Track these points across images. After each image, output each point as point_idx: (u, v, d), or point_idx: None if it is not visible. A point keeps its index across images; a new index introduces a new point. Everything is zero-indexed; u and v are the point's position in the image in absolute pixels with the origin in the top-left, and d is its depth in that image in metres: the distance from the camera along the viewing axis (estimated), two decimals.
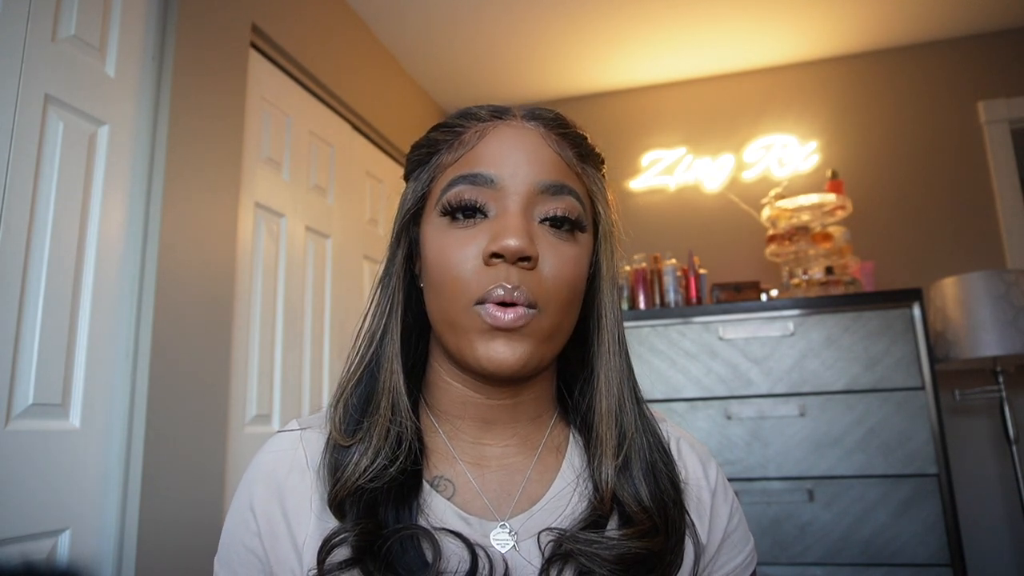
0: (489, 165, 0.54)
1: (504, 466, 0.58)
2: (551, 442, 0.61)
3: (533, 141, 0.56)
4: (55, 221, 1.22)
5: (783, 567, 1.86)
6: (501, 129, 0.56)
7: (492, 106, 0.58)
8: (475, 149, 0.56)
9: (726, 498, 0.62)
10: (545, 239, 0.54)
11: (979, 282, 1.97)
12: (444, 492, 0.56)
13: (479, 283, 0.52)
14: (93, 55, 1.34)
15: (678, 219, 2.78)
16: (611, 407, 0.57)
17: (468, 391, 0.58)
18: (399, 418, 0.55)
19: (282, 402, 1.82)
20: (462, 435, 0.59)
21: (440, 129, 0.59)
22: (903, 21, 2.51)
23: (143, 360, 1.35)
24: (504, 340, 0.51)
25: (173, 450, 1.39)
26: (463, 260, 0.53)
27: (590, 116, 2.96)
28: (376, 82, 2.48)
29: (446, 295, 0.53)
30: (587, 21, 2.45)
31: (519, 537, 0.54)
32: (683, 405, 2.02)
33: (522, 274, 0.52)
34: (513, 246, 0.51)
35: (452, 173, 0.56)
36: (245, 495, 0.57)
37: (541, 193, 0.54)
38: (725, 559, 0.60)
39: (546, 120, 0.58)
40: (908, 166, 2.57)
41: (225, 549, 0.57)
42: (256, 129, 1.81)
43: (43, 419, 1.18)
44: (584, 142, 0.60)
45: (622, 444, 0.56)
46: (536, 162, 0.55)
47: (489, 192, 0.54)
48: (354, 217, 2.27)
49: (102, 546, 1.27)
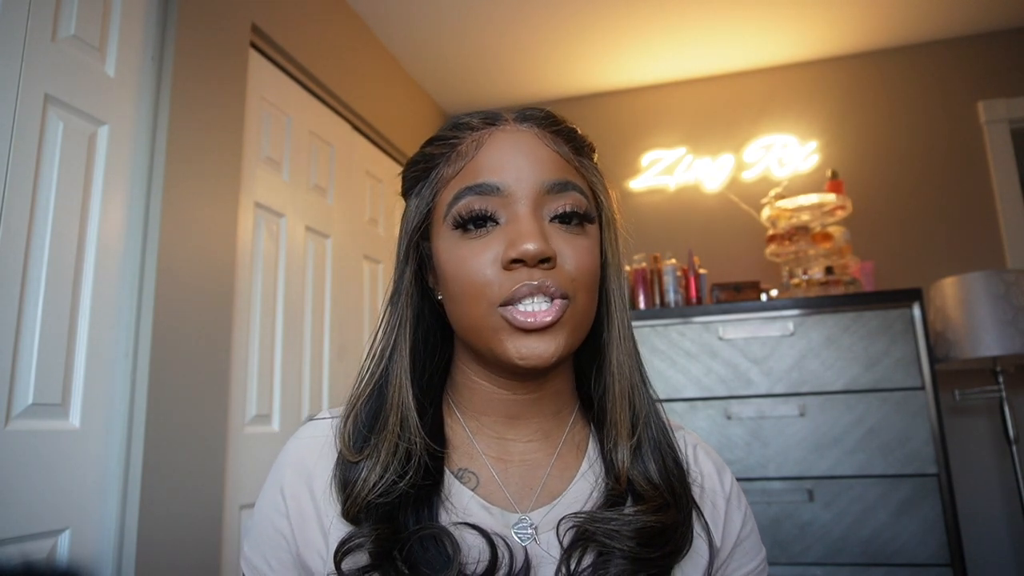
0: (492, 173, 0.55)
1: (526, 461, 0.60)
2: (572, 438, 0.62)
3: (530, 143, 0.57)
4: (55, 221, 1.22)
5: (783, 567, 1.86)
6: (497, 135, 0.57)
7: (482, 113, 0.59)
8: (475, 159, 0.56)
9: (739, 506, 0.64)
10: (558, 236, 0.55)
11: (979, 282, 1.97)
12: (468, 483, 0.58)
13: (502, 288, 0.53)
14: (93, 55, 1.34)
15: (678, 219, 2.78)
16: (624, 390, 0.59)
17: (494, 388, 0.60)
18: (408, 434, 0.56)
19: (282, 402, 1.82)
20: (486, 431, 0.61)
21: (435, 143, 0.60)
22: (903, 21, 2.51)
23: (143, 360, 1.35)
24: (536, 337, 0.53)
25: (173, 450, 1.39)
26: (482, 267, 0.54)
27: (590, 116, 2.96)
28: (376, 82, 2.48)
29: (468, 303, 0.54)
30: (587, 21, 2.45)
31: (540, 529, 0.56)
32: (683, 405, 2.02)
33: (544, 274, 0.53)
34: (532, 250, 0.52)
35: (456, 186, 0.56)
36: (275, 479, 0.59)
37: (547, 193, 0.55)
38: (736, 565, 0.62)
39: (538, 120, 0.58)
40: (908, 166, 2.57)
41: (255, 531, 0.59)
42: (256, 129, 1.81)
43: (43, 419, 1.18)
44: (576, 135, 0.60)
45: (636, 425, 0.58)
46: (537, 163, 0.56)
47: (497, 200, 0.55)
48: (354, 217, 2.27)
49: (102, 546, 1.27)
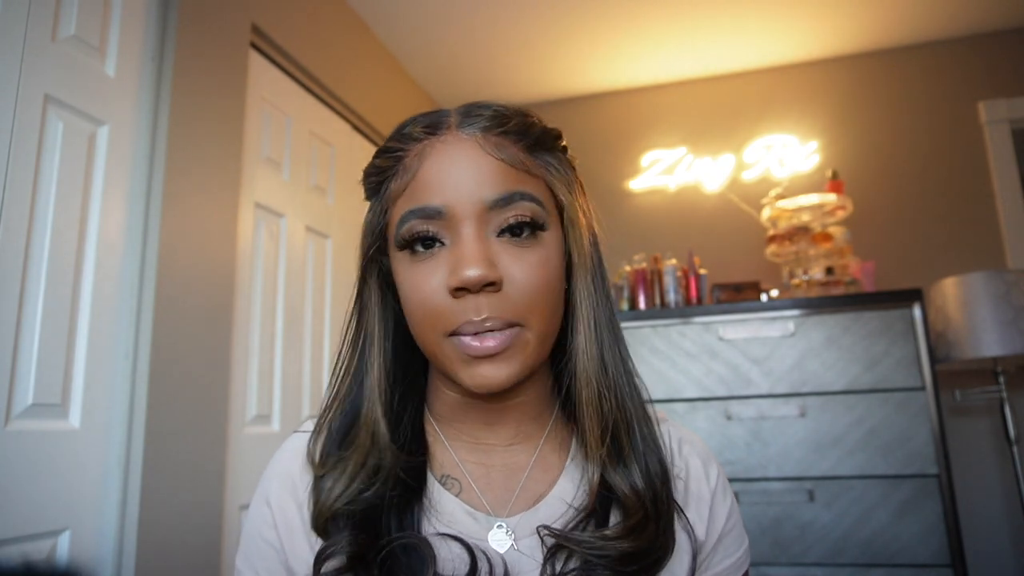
0: (434, 194, 0.53)
1: (507, 465, 0.59)
2: (552, 440, 0.61)
3: (471, 155, 0.53)
4: (55, 221, 1.22)
5: (783, 567, 1.86)
6: (437, 148, 0.54)
7: (427, 118, 0.56)
8: (417, 176, 0.54)
9: (725, 499, 0.63)
10: (507, 252, 0.52)
11: (979, 282, 1.97)
12: (452, 490, 0.57)
13: (450, 315, 0.51)
14: (93, 55, 1.34)
15: (678, 219, 2.78)
16: (591, 397, 0.55)
17: (467, 399, 0.59)
18: (378, 450, 0.56)
19: (282, 402, 1.82)
20: (464, 437, 0.60)
21: (383, 155, 0.58)
22: (903, 21, 2.51)
23: (143, 360, 1.35)
24: (488, 363, 0.51)
25: (173, 450, 1.39)
26: (431, 295, 0.52)
27: (590, 116, 2.96)
28: (376, 82, 2.48)
29: (423, 328, 0.54)
30: (587, 21, 2.45)
31: (521, 534, 0.55)
32: (683, 405, 2.02)
33: (491, 299, 0.51)
34: (473, 276, 0.50)
35: (402, 207, 0.55)
36: (262, 491, 0.60)
37: (491, 209, 0.52)
38: (720, 557, 0.61)
39: (482, 123, 0.55)
40: (908, 166, 2.57)
41: (245, 544, 0.60)
42: (256, 129, 1.81)
43: (43, 419, 1.18)
44: (529, 130, 0.56)
45: (606, 432, 0.55)
46: (478, 178, 0.53)
47: (440, 222, 0.53)
48: (354, 217, 2.27)
49: (102, 546, 1.27)
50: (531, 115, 0.57)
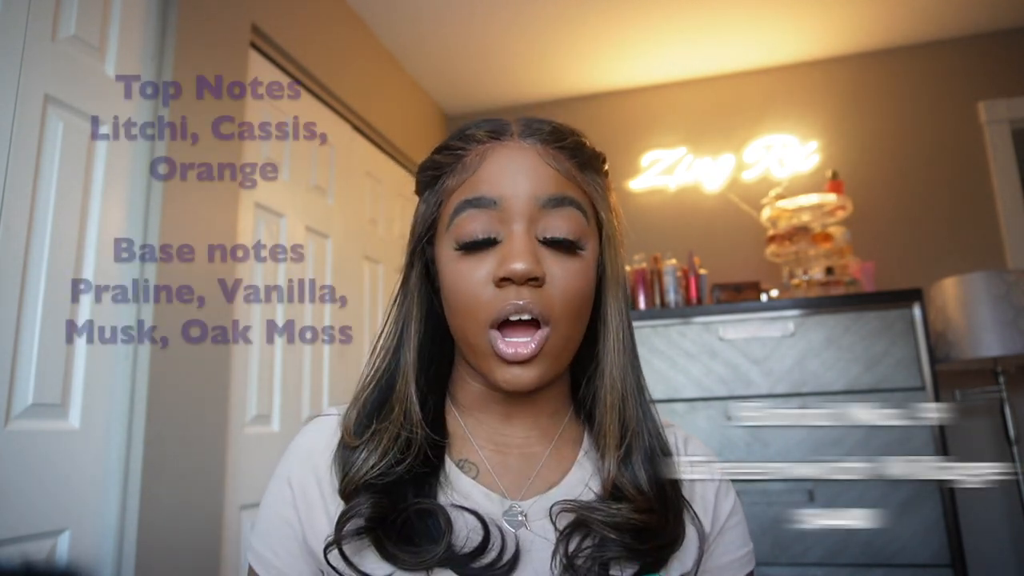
0: (491, 188, 0.58)
1: (524, 453, 0.63)
2: (567, 434, 0.65)
3: (531, 159, 0.59)
4: (55, 221, 1.22)
5: (783, 568, 1.86)
6: (499, 150, 0.59)
7: (490, 124, 0.61)
8: (477, 173, 0.59)
9: (727, 496, 0.66)
10: (551, 257, 0.57)
11: (979, 282, 1.97)
12: (469, 473, 0.61)
13: (492, 305, 0.56)
14: (93, 55, 1.33)
15: (678, 219, 2.78)
16: (615, 402, 0.60)
17: (490, 390, 0.62)
18: (410, 424, 0.59)
19: (282, 402, 1.82)
20: (484, 427, 0.64)
21: (443, 151, 0.62)
22: (903, 21, 2.51)
23: (143, 360, 1.35)
24: (519, 367, 0.56)
25: (173, 450, 1.39)
26: (475, 285, 0.56)
27: (590, 116, 2.96)
28: (376, 82, 2.48)
29: (462, 318, 0.58)
30: (587, 21, 2.45)
31: (534, 516, 0.58)
32: (683, 405, 2.02)
33: (532, 292, 0.55)
34: (520, 269, 0.54)
35: (458, 198, 0.59)
36: (283, 470, 0.62)
37: (543, 207, 0.57)
38: (723, 550, 0.64)
39: (543, 135, 0.60)
40: (908, 166, 2.57)
41: (262, 524, 0.61)
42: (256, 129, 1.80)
43: (43, 419, 1.18)
44: (582, 149, 0.62)
45: (624, 436, 0.60)
46: (535, 179, 0.58)
47: (494, 214, 0.57)
48: (354, 217, 2.27)
49: (101, 546, 1.27)
50: (584, 136, 0.63)
